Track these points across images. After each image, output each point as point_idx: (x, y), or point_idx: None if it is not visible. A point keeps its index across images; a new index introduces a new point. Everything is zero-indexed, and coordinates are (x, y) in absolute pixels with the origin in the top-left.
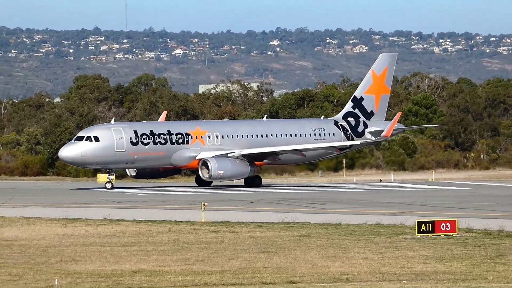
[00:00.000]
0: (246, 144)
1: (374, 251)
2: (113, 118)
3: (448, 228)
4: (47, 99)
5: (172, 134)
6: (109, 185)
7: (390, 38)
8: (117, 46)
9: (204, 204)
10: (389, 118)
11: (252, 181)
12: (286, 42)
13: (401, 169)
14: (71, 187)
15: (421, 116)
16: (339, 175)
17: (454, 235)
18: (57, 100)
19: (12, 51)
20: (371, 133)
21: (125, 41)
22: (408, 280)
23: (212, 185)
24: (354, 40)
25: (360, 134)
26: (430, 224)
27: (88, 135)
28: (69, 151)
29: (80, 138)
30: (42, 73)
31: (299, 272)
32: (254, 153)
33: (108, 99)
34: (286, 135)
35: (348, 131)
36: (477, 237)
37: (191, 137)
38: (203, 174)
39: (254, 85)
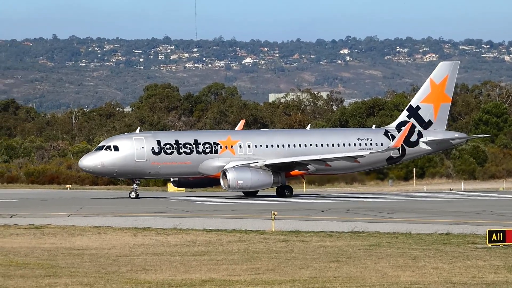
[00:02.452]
0: (282, 154)
1: (444, 261)
2: (138, 128)
3: None
4: (117, 108)
5: (199, 143)
6: (133, 195)
7: (460, 47)
8: (187, 55)
9: (274, 213)
10: (458, 127)
11: (282, 191)
12: (356, 50)
13: (471, 178)
14: (140, 196)
15: (492, 125)
16: (409, 184)
17: None
18: (127, 109)
19: (83, 60)
20: (426, 143)
21: (195, 50)
22: None
23: (257, 195)
24: (424, 49)
25: (413, 144)
26: (501, 234)
27: (108, 144)
28: (88, 161)
29: (100, 148)
30: (112, 82)
31: (369, 281)
32: (277, 163)
33: (178, 108)
34: (327, 144)
35: None
36: None
37: (220, 146)
38: (224, 184)
39: (324, 94)
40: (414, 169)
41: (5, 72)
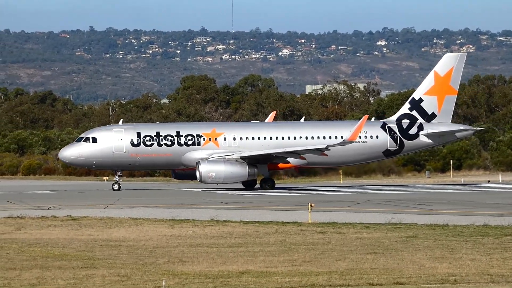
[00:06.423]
0: (269, 147)
1: (482, 252)
2: (121, 120)
3: None
4: (154, 100)
5: (181, 135)
6: (116, 186)
7: (498, 38)
8: (223, 46)
9: (311, 205)
10: (495, 119)
11: (261, 184)
12: (393, 42)
13: (509, 169)
14: (176, 187)
15: None
16: (446, 175)
17: None
18: (164, 101)
19: (120, 52)
20: (426, 135)
21: (231, 41)
22: None
23: (255, 186)
24: (461, 40)
25: (413, 137)
26: None
27: (87, 136)
28: (67, 152)
29: (80, 140)
30: (149, 74)
31: (406, 273)
32: (252, 155)
33: (215, 100)
34: (318, 137)
35: (396, 134)
36: None
37: (203, 138)
38: (198, 176)
39: (361, 86)
40: (451, 160)
41: (43, 64)
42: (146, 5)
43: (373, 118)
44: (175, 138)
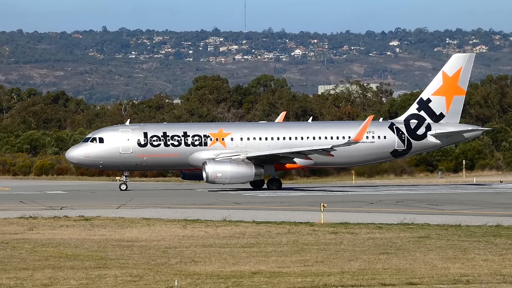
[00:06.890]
0: (276, 147)
1: (494, 253)
2: (128, 120)
3: None
4: (166, 100)
5: (188, 136)
6: (123, 187)
7: (511, 38)
8: (236, 47)
9: (323, 205)
10: (508, 119)
11: (268, 184)
12: (406, 42)
13: None
14: (188, 188)
15: None
16: (458, 176)
17: None
18: (176, 101)
19: (132, 52)
20: (434, 136)
21: (244, 42)
22: None
23: (263, 187)
24: (474, 40)
25: (420, 137)
26: None
27: (94, 136)
28: (74, 153)
29: (87, 140)
30: (162, 74)
31: (418, 273)
32: (258, 155)
33: (227, 100)
34: (326, 137)
35: (404, 134)
36: None
37: (210, 138)
38: (204, 176)
39: (373, 86)
40: (463, 161)
41: (55, 64)
42: (158, 5)
43: (381, 119)
44: (182, 138)
